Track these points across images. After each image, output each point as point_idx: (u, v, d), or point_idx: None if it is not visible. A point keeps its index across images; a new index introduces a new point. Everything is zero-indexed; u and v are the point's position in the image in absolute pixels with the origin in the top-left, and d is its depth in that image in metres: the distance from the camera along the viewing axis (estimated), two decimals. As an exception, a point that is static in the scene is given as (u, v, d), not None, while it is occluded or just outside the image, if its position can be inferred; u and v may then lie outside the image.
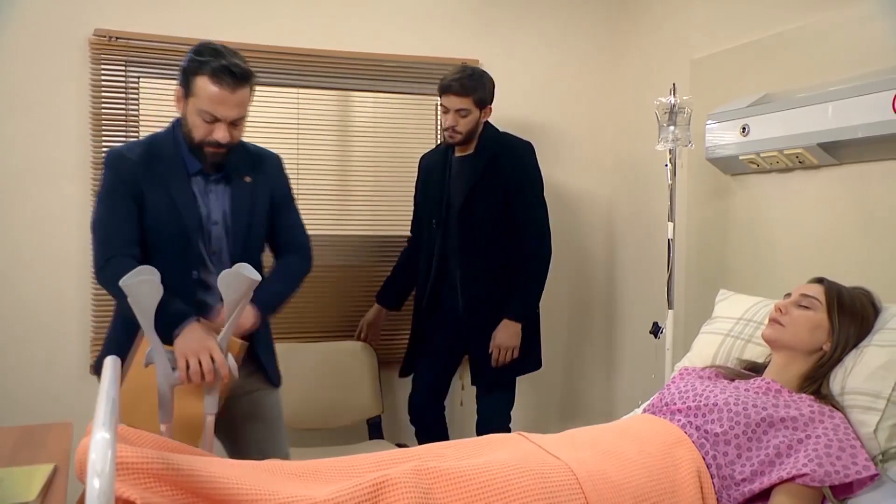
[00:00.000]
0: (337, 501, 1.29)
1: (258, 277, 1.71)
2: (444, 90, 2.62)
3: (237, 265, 1.71)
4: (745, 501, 1.54)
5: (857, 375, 1.61)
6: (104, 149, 2.85)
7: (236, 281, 1.69)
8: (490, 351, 2.67)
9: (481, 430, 2.76)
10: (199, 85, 1.85)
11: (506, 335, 2.66)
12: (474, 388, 2.82)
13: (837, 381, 1.65)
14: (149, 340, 1.67)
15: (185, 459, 1.27)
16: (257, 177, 2.05)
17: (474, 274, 2.70)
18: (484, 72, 2.71)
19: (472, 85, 2.60)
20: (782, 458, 1.51)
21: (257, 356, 2.06)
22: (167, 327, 1.74)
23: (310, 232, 2.35)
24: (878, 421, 1.54)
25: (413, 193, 3.00)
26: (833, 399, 1.63)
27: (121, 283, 1.57)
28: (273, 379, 2.13)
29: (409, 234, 3.03)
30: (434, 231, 2.78)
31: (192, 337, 1.74)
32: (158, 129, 2.09)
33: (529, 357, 2.77)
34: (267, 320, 2.07)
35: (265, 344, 2.11)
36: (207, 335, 1.75)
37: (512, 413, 2.85)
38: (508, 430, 2.76)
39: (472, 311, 2.71)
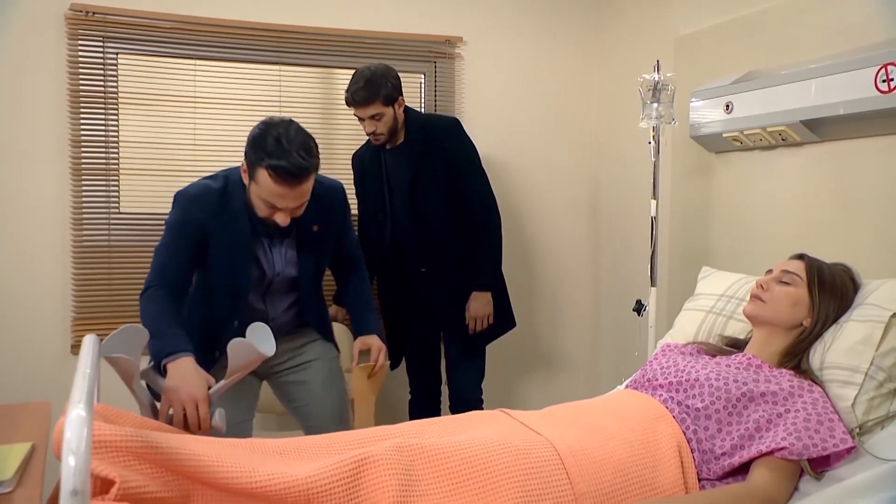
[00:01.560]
0: (318, 479, 1.29)
1: (270, 352, 1.72)
2: (349, 104, 2.61)
3: (252, 329, 1.74)
4: (725, 475, 1.55)
5: (836, 350, 1.62)
6: (83, 127, 2.81)
7: (247, 351, 1.71)
8: (466, 322, 2.74)
9: (457, 402, 2.83)
10: (261, 176, 1.84)
11: (478, 305, 2.74)
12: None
13: (817, 355, 1.67)
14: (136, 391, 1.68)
15: (165, 437, 1.26)
16: (323, 222, 2.09)
17: (433, 255, 2.75)
18: (384, 68, 2.61)
19: (372, 90, 2.55)
20: (762, 432, 1.52)
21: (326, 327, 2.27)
22: (159, 355, 1.75)
23: None
24: (856, 395, 1.55)
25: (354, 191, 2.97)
26: (812, 374, 1.65)
27: (104, 356, 1.56)
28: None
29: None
30: (382, 224, 2.80)
31: (181, 378, 1.70)
32: (231, 166, 2.08)
33: (503, 320, 2.85)
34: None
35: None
36: (198, 380, 1.70)
37: (495, 390, 2.88)
38: (482, 401, 2.83)
39: (438, 291, 2.76)
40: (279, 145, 1.82)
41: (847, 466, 1.48)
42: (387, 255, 2.82)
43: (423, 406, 2.95)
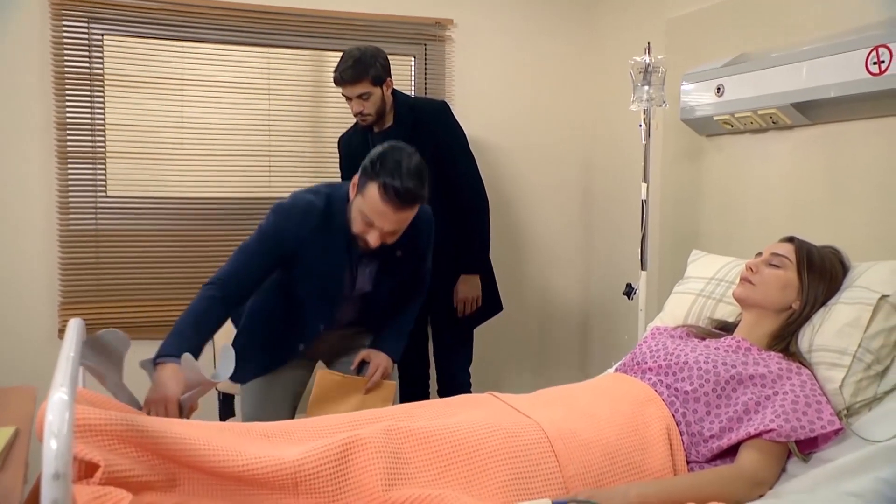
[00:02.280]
0: (306, 462, 1.28)
1: (220, 379, 1.73)
2: (337, 82, 2.59)
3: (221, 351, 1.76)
4: (714, 457, 1.55)
5: (825, 333, 1.62)
6: (68, 109, 2.78)
7: (193, 368, 1.70)
8: (455, 305, 2.75)
9: (445, 386, 2.83)
10: (370, 190, 1.86)
11: (467, 287, 2.76)
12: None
13: (806, 338, 1.67)
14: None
15: (151, 421, 1.25)
16: (409, 248, 2.09)
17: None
18: (374, 49, 2.60)
19: (361, 69, 2.54)
20: (750, 415, 1.53)
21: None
22: (158, 353, 1.76)
23: (281, 194, 2.33)
24: (844, 377, 1.55)
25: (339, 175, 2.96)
26: (801, 356, 1.65)
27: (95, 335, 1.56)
28: None
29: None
30: None
31: (159, 382, 1.71)
32: (333, 182, 2.15)
33: (490, 304, 2.86)
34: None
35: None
36: (172, 385, 1.70)
37: (486, 374, 2.89)
38: (470, 385, 2.84)
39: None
40: (398, 166, 1.85)
41: (834, 448, 1.48)
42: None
43: (411, 391, 2.95)
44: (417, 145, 2.67)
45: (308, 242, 1.95)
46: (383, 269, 2.09)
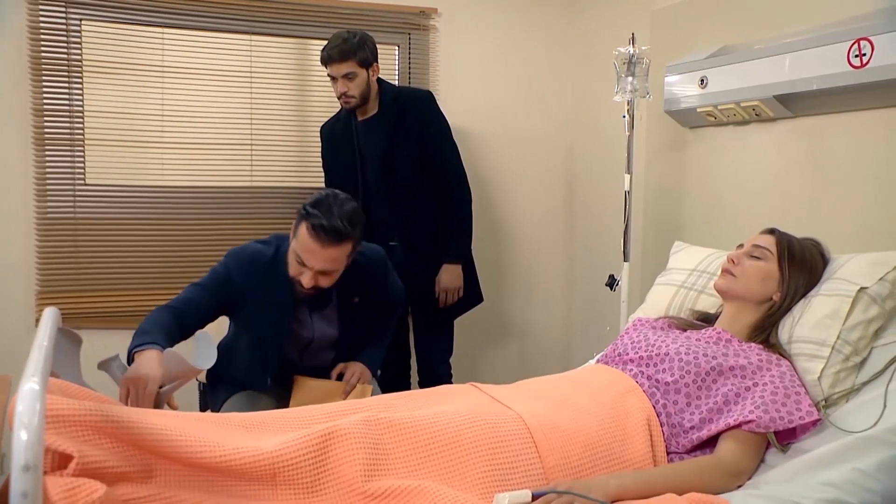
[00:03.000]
0: (284, 452, 1.27)
1: (206, 365, 1.75)
2: (325, 61, 2.60)
3: (197, 339, 1.79)
4: (694, 448, 1.56)
5: (805, 324, 1.63)
6: (45, 96, 2.74)
7: (178, 362, 1.70)
8: (437, 295, 2.75)
9: (426, 377, 2.83)
10: (301, 230, 1.95)
11: (449, 277, 2.75)
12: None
13: (786, 329, 1.68)
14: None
15: (126, 411, 1.23)
16: (364, 294, 2.17)
17: (405, 228, 2.75)
18: (361, 33, 2.63)
19: (350, 48, 2.57)
20: (730, 406, 1.53)
21: None
22: (130, 349, 1.81)
23: (263, 184, 2.33)
24: (823, 368, 1.56)
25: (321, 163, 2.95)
26: (781, 347, 1.66)
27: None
28: None
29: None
30: (353, 196, 2.72)
31: (139, 363, 1.73)
32: (284, 234, 2.15)
33: (471, 295, 2.86)
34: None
35: None
36: (154, 366, 1.72)
37: (468, 365, 2.88)
38: (451, 376, 2.84)
39: (411, 262, 2.74)
40: (328, 207, 1.93)
41: (812, 438, 1.49)
42: None
43: (391, 383, 2.93)
44: (402, 134, 2.68)
45: (253, 289, 2.04)
46: (344, 316, 2.15)
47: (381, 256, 2.26)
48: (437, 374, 2.81)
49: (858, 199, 2.09)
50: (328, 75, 2.63)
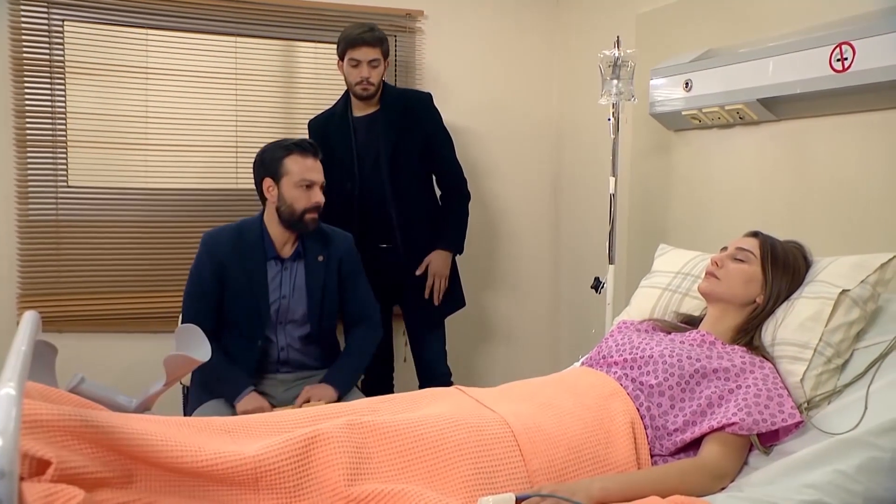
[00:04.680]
0: (266, 457, 1.26)
1: (205, 357, 1.71)
2: (354, 42, 2.60)
3: (182, 333, 1.75)
4: (677, 450, 1.56)
5: (787, 326, 1.64)
6: (27, 97, 2.71)
7: (183, 362, 1.67)
8: (430, 280, 2.75)
9: (426, 377, 2.81)
10: (289, 164, 2.25)
11: (440, 262, 2.76)
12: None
13: (769, 332, 1.68)
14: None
15: (106, 416, 1.22)
16: (329, 254, 2.35)
17: (410, 222, 2.75)
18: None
19: (381, 36, 2.63)
20: (713, 408, 1.54)
21: None
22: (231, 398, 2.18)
23: (249, 187, 2.34)
24: (805, 370, 1.57)
25: None
26: (764, 350, 1.66)
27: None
28: None
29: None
30: (349, 193, 2.75)
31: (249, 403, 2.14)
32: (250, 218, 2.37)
33: (454, 296, 2.87)
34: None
35: None
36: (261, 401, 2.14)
37: (454, 367, 2.88)
38: (451, 375, 2.84)
39: (410, 253, 2.75)
40: (286, 142, 2.29)
41: (795, 440, 1.50)
42: (350, 226, 2.73)
43: (375, 387, 2.91)
44: (405, 133, 2.69)
45: (229, 256, 2.26)
46: (311, 273, 2.32)
47: (349, 237, 2.45)
48: (439, 373, 2.81)
49: (841, 202, 2.11)
50: (350, 59, 2.62)
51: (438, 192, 2.92)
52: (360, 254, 2.75)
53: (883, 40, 1.86)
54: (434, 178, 2.90)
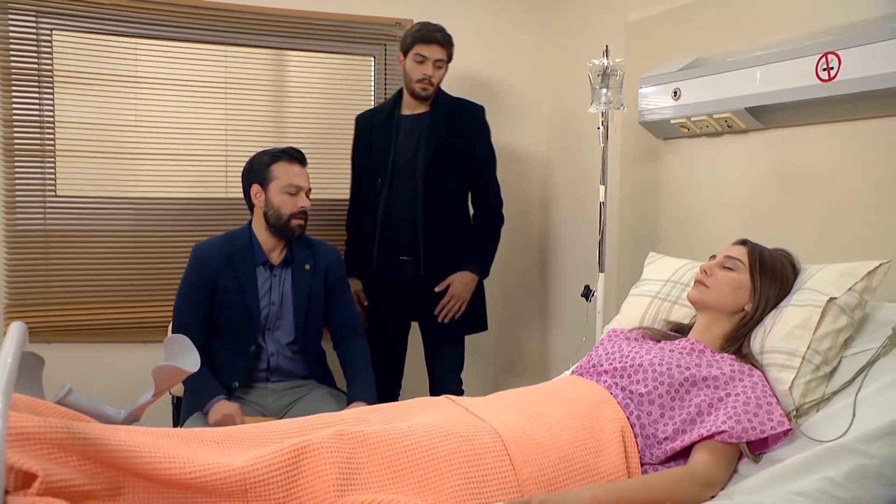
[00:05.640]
0: (256, 468, 1.26)
1: (195, 367, 1.70)
2: (426, 39, 2.59)
3: (172, 344, 1.72)
4: (667, 459, 1.56)
5: (776, 334, 1.65)
6: (14, 106, 2.70)
7: (172, 372, 1.65)
8: (447, 300, 2.68)
9: (436, 392, 2.73)
10: (277, 170, 2.33)
11: (462, 284, 2.69)
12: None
13: (758, 340, 1.69)
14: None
15: (94, 428, 1.21)
16: (315, 263, 2.40)
17: (435, 233, 2.68)
18: None
19: (450, 38, 2.64)
20: (703, 417, 1.54)
21: None
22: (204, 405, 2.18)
23: (239, 196, 2.37)
24: (794, 378, 1.57)
25: (350, 155, 2.90)
26: (753, 358, 1.67)
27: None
28: None
29: (344, 197, 2.94)
30: (379, 191, 2.71)
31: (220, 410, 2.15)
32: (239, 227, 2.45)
33: (477, 317, 2.81)
34: None
35: None
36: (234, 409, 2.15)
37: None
38: (462, 392, 2.76)
39: (432, 266, 2.68)
40: (273, 150, 2.37)
41: (784, 448, 1.50)
42: (376, 226, 2.71)
43: (381, 398, 2.87)
44: (455, 137, 2.67)
45: (220, 267, 2.30)
46: (297, 281, 2.36)
47: (335, 250, 2.50)
48: (447, 390, 2.69)
49: (828, 210, 2.12)
50: (416, 54, 2.60)
51: (471, 212, 2.85)
52: (379, 270, 2.74)
53: (868, 50, 1.88)
54: (469, 195, 2.83)
